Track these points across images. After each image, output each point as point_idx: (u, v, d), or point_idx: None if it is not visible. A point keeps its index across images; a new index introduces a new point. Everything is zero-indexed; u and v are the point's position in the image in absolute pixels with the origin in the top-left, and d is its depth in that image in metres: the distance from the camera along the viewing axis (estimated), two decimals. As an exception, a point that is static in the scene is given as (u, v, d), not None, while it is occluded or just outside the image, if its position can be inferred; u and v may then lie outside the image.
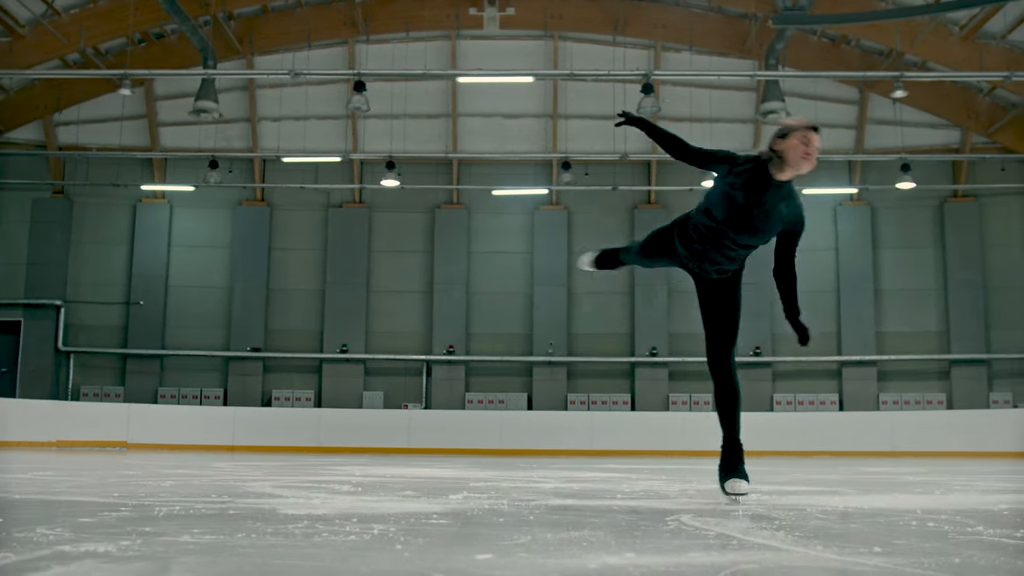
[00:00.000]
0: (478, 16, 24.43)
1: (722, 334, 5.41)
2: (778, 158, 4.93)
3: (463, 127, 26.59)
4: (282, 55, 25.14)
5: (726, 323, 5.42)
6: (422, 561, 2.66)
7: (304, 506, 4.56)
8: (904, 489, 6.60)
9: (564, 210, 26.88)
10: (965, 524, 3.77)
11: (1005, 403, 25.03)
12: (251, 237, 26.79)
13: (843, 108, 26.15)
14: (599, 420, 22.81)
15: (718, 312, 5.43)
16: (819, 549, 2.96)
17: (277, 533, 3.29)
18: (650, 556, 2.78)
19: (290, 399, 25.81)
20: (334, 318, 26.39)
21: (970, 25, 22.14)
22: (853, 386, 25.69)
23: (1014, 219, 26.15)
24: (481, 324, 26.56)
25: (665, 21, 24.47)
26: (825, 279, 26.20)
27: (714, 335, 5.42)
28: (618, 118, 5.59)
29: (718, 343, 5.40)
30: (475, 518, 4.05)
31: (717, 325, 5.42)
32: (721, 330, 5.42)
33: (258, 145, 26.38)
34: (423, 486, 6.64)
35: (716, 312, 5.44)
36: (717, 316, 5.43)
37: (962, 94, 25.23)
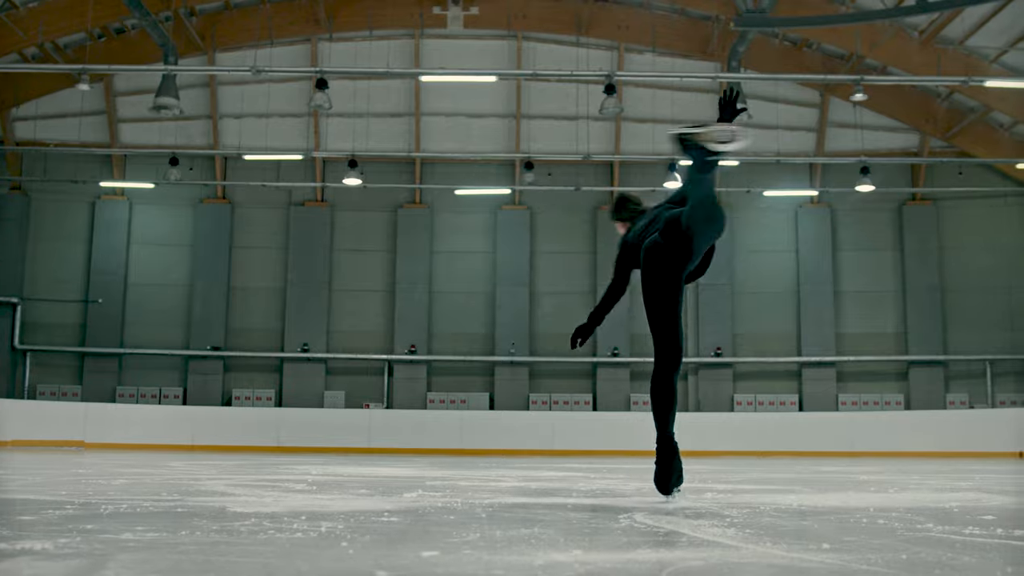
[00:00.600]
0: (442, 15, 24.37)
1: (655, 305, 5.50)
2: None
3: (426, 126, 26.51)
4: (244, 52, 24.95)
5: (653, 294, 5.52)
6: (365, 558, 2.63)
7: (255, 504, 4.50)
8: (858, 488, 6.64)
9: (527, 210, 26.88)
10: (915, 521, 3.78)
11: (961, 404, 25.32)
12: (212, 235, 26.57)
13: (804, 111, 26.34)
14: (560, 420, 22.82)
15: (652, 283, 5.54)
16: (768, 546, 2.95)
17: (222, 531, 3.24)
18: (598, 553, 2.76)
19: (250, 398, 25.62)
20: (295, 317, 26.23)
21: (929, 30, 22.38)
22: (813, 387, 25.88)
23: (971, 222, 26.45)
24: (443, 324, 26.50)
25: (628, 22, 24.53)
26: (786, 280, 26.39)
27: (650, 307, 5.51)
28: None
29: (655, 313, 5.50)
30: (426, 516, 4.01)
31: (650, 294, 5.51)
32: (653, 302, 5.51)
33: (219, 142, 26.18)
34: (379, 485, 6.59)
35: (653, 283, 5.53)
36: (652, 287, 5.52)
37: (921, 98, 25.49)
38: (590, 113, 25.25)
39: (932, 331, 25.89)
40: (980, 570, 2.42)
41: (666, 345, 5.29)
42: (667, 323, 5.27)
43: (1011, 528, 3.46)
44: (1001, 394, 25.50)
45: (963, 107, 25.34)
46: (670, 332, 5.27)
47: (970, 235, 26.43)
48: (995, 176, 26.31)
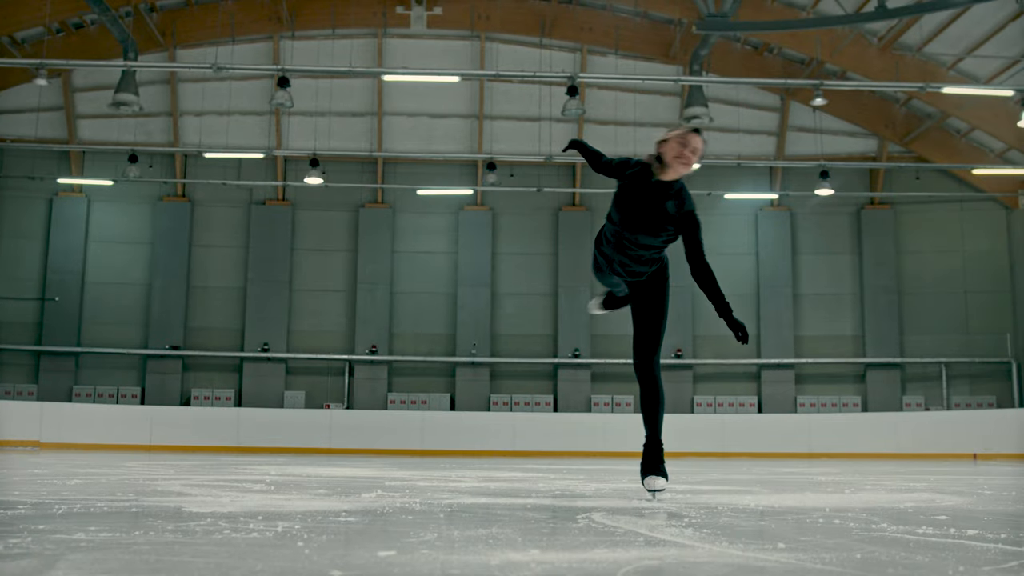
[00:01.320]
0: (405, 15, 24.32)
1: (645, 337, 5.51)
2: (659, 161, 5.09)
3: (388, 126, 26.44)
4: (205, 49, 24.77)
5: (649, 327, 5.53)
6: (321, 558, 2.61)
7: (211, 504, 4.46)
8: (815, 488, 6.69)
9: (489, 211, 26.88)
10: (870, 521, 3.82)
11: (917, 406, 25.62)
12: (171, 233, 26.33)
13: (764, 115, 26.55)
14: (521, 421, 22.84)
15: (642, 315, 5.58)
16: (724, 545, 2.96)
17: (177, 531, 3.20)
18: (555, 553, 2.76)
19: (209, 398, 25.42)
20: (255, 316, 26.06)
21: (888, 37, 22.63)
22: (772, 388, 26.08)
23: (928, 227, 26.79)
24: (404, 324, 26.44)
25: (592, 24, 24.60)
26: (745, 283, 26.57)
27: (638, 338, 5.53)
28: (564, 151, 5.91)
29: (642, 346, 5.52)
30: (384, 516, 4.00)
31: (641, 328, 5.55)
32: (644, 333, 5.52)
33: (179, 140, 25.96)
34: (337, 485, 6.56)
35: (640, 315, 5.58)
36: (641, 319, 5.57)
37: (879, 104, 25.77)
38: (553, 114, 25.30)
39: (889, 334, 26.18)
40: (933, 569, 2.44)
41: (661, 331, 5.63)
42: (660, 345, 5.64)
43: (963, 528, 3.50)
44: (956, 396, 25.84)
45: (921, 113, 25.65)
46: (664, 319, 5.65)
47: (927, 239, 26.75)
48: (951, 181, 26.65)
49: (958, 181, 26.64)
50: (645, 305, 5.62)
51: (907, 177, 26.38)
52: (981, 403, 25.57)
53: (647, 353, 5.54)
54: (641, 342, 5.56)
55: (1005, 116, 22.86)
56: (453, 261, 26.81)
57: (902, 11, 18.38)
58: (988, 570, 2.42)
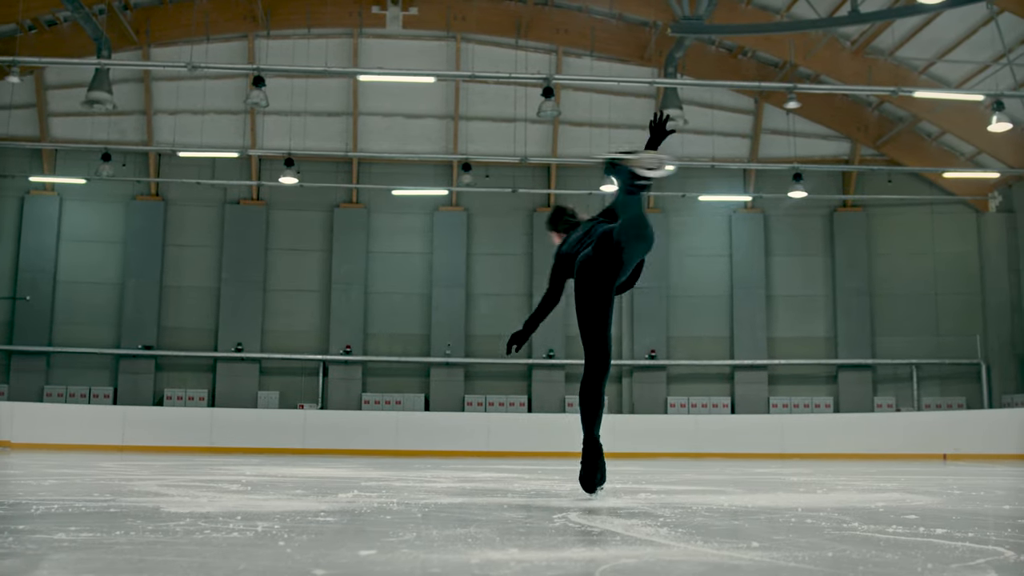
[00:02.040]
0: (381, 15, 24.30)
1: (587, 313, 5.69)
2: None
3: (364, 126, 26.42)
4: (180, 47, 24.65)
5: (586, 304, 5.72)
6: (303, 557, 2.64)
7: (189, 504, 4.48)
8: (788, 488, 6.77)
9: (464, 211, 26.90)
10: (841, 521, 3.88)
11: (888, 407, 25.86)
12: (144, 232, 26.19)
13: (739, 117, 26.71)
14: (496, 421, 22.87)
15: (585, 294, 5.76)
16: (699, 544, 3.01)
17: (157, 531, 3.22)
18: (533, 552, 2.80)
19: (183, 398, 25.30)
20: (229, 316, 25.96)
21: (860, 41, 22.83)
22: (745, 389, 26.24)
23: (899, 229, 27.03)
24: (379, 324, 26.42)
25: (567, 26, 24.68)
26: (719, 284, 26.73)
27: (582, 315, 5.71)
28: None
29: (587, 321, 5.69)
30: (362, 516, 4.03)
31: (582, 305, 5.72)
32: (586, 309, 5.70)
33: (153, 138, 25.83)
34: (314, 485, 6.58)
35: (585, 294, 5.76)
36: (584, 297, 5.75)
37: (852, 107, 25.99)
38: (528, 115, 25.36)
39: (861, 336, 26.40)
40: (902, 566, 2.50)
41: (596, 353, 5.52)
42: (598, 332, 5.51)
43: (932, 527, 3.57)
44: (926, 397, 26.10)
45: (893, 116, 25.89)
46: (600, 341, 5.51)
47: (898, 242, 27.00)
48: (923, 184, 26.92)
49: (929, 184, 26.91)
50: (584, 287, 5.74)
51: (879, 180, 26.62)
52: (951, 404, 25.83)
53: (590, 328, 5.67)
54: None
55: (976, 120, 23.11)
56: (428, 261, 26.82)
57: (875, 15, 18.57)
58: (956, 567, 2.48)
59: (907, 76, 23.18)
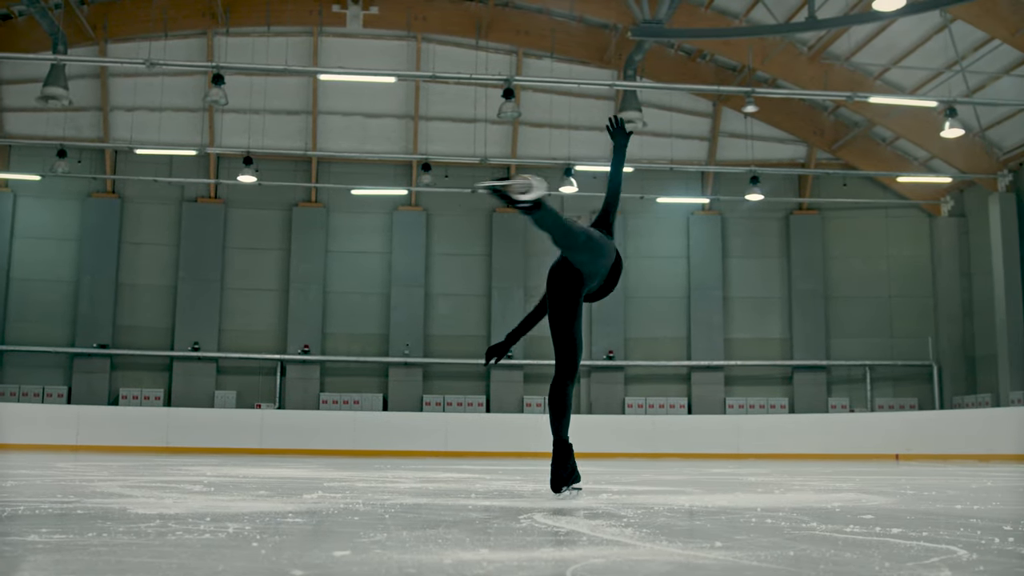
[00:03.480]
0: (341, 14, 24.24)
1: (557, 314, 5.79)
2: None
3: (323, 125, 26.35)
4: (137, 43, 24.43)
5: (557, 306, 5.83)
6: (279, 558, 2.68)
7: (155, 506, 4.49)
8: (746, 489, 6.88)
9: (423, 211, 26.91)
10: (800, 521, 3.98)
11: (842, 408, 26.21)
12: (100, 230, 25.94)
13: (697, 120, 26.94)
14: (454, 421, 22.91)
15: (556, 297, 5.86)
16: (664, 544, 3.09)
17: (129, 532, 3.25)
18: (503, 552, 2.86)
19: (138, 398, 25.10)
20: (186, 315, 25.79)
21: (817, 46, 23.13)
22: (701, 390, 26.48)
23: (854, 232, 27.41)
24: (337, 324, 26.36)
25: (528, 27, 24.77)
26: (677, 286, 26.94)
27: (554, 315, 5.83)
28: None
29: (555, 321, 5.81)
30: (330, 517, 4.07)
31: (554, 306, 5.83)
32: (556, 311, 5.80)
33: (110, 135, 25.59)
34: (277, 486, 6.60)
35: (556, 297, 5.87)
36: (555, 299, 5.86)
37: (808, 111, 26.31)
38: (488, 116, 25.42)
39: (815, 337, 26.74)
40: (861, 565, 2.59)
41: (565, 358, 5.62)
42: (567, 339, 5.61)
43: (888, 527, 3.68)
44: (879, 398, 26.48)
45: (848, 121, 26.24)
46: (570, 347, 5.61)
47: (853, 245, 27.38)
48: (877, 189, 27.31)
49: (883, 188, 27.31)
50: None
51: (835, 184, 26.99)
52: (903, 405, 26.24)
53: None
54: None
55: (929, 126, 23.49)
56: (387, 261, 26.80)
57: (831, 22, 18.82)
58: (911, 566, 2.58)
59: (862, 82, 23.52)
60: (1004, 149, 24.32)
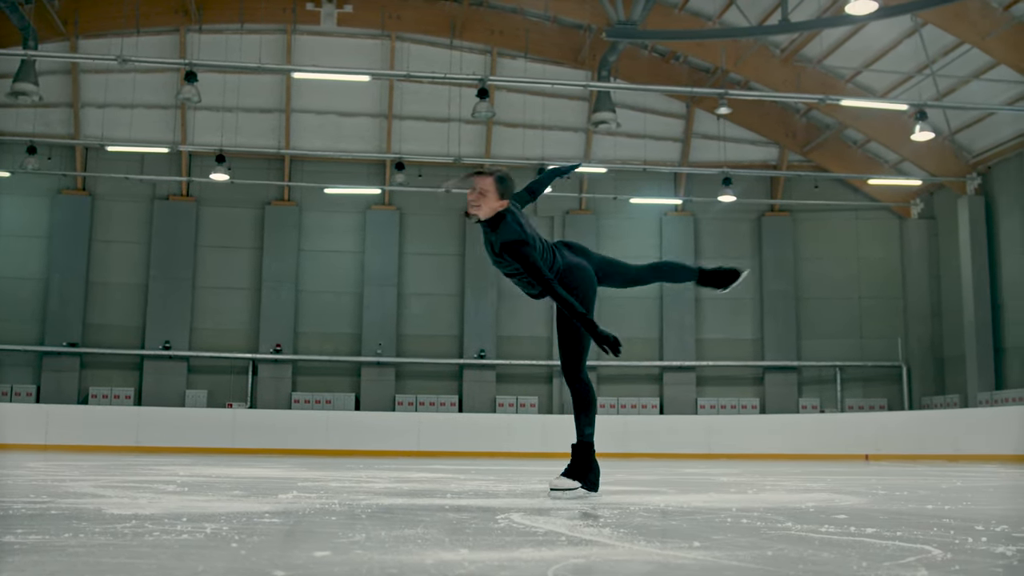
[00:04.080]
0: (315, 12, 24.17)
1: (562, 349, 5.94)
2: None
3: (297, 123, 26.25)
4: (109, 40, 24.25)
5: (561, 340, 5.95)
6: (259, 559, 2.68)
7: (130, 506, 4.47)
8: (720, 489, 6.92)
9: (396, 210, 26.87)
10: (775, 520, 4.01)
11: (813, 408, 26.39)
12: (70, 227, 25.73)
13: (670, 121, 27.04)
14: (427, 421, 22.88)
15: (559, 330, 5.96)
16: (643, 544, 3.11)
17: (106, 533, 3.23)
18: (484, 552, 2.87)
19: (108, 397, 24.91)
20: (157, 314, 25.62)
21: (790, 49, 23.27)
22: (673, 390, 26.58)
23: (825, 234, 27.61)
24: (309, 323, 26.28)
25: (502, 27, 24.78)
26: (649, 287, 26.84)
27: (560, 349, 5.98)
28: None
29: (562, 356, 5.97)
30: (307, 517, 4.06)
31: (559, 341, 5.99)
32: (561, 345, 5.95)
33: (80, 132, 25.38)
34: (251, 486, 6.57)
35: (558, 330, 5.97)
36: (559, 333, 5.97)
37: (781, 114, 26.47)
38: (462, 116, 25.42)
39: (786, 338, 26.91)
40: (840, 564, 2.62)
41: (578, 350, 5.89)
42: (581, 335, 5.80)
43: (862, 526, 3.71)
44: (849, 399, 26.69)
45: (820, 123, 26.43)
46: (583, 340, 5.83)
47: (824, 246, 27.58)
48: (848, 191, 27.52)
49: (854, 190, 27.53)
50: (559, 321, 5.95)
51: (806, 185, 27.17)
52: (873, 405, 26.45)
53: (566, 363, 5.96)
54: (561, 353, 5.99)
55: (900, 129, 23.69)
56: (360, 261, 26.74)
57: (803, 25, 18.95)
58: (888, 565, 2.61)
59: (834, 84, 23.69)
60: (973, 152, 24.57)
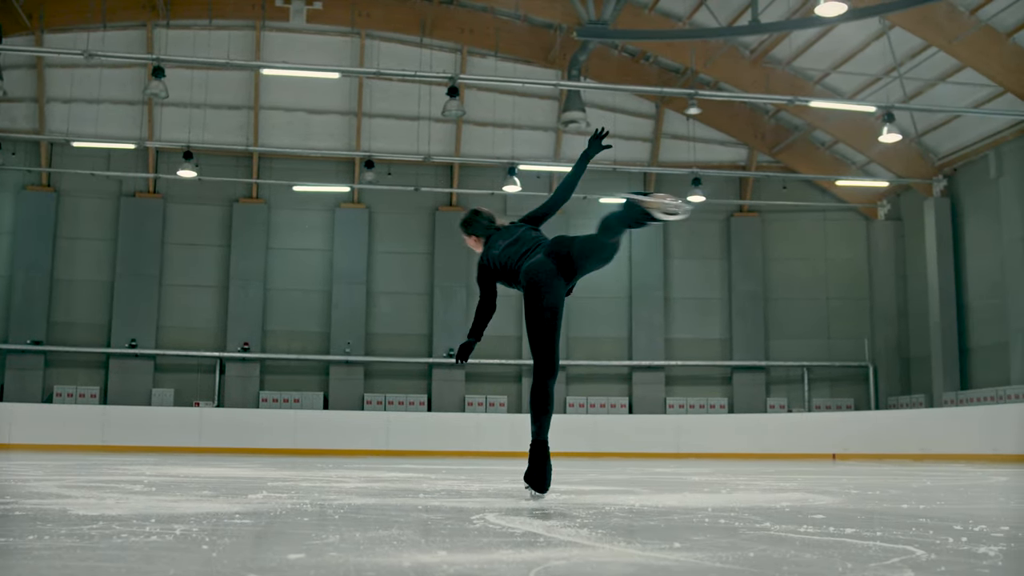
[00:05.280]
0: (284, 8, 24.01)
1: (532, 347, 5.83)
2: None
3: (265, 120, 26.06)
4: (75, 34, 23.96)
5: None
6: (231, 561, 2.61)
7: (97, 507, 4.38)
8: (693, 488, 6.90)
9: (366, 209, 26.73)
10: (753, 521, 3.98)
11: (781, 408, 26.51)
12: (35, 224, 25.40)
13: (640, 121, 27.07)
14: (395, 420, 22.80)
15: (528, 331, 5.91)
16: (623, 545, 3.07)
17: (72, 535, 3.15)
18: (462, 554, 2.82)
19: (73, 395, 24.62)
20: (123, 311, 25.34)
21: (759, 50, 23.35)
22: (642, 390, 26.62)
23: (793, 235, 27.75)
24: (278, 321, 26.10)
25: (472, 26, 24.71)
26: (618, 287, 27.04)
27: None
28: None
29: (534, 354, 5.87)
30: (279, 518, 3.99)
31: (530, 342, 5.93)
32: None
33: (46, 127, 25.06)
34: (220, 486, 6.48)
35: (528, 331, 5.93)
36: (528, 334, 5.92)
37: (750, 115, 26.57)
38: (432, 114, 25.32)
39: (755, 338, 27.02)
40: (824, 566, 2.59)
41: (547, 359, 5.65)
42: (548, 339, 5.63)
43: (841, 527, 3.69)
44: (817, 399, 26.83)
45: (788, 125, 26.54)
46: (549, 346, 5.64)
47: (792, 247, 27.71)
48: (816, 192, 27.67)
49: (822, 191, 27.68)
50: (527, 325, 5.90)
51: (775, 186, 27.29)
52: (840, 405, 26.61)
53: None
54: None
55: (867, 131, 23.84)
56: (328, 259, 26.58)
57: (773, 26, 19.03)
58: (874, 567, 2.58)
59: (803, 86, 23.80)
60: (939, 155, 24.76)
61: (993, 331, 22.94)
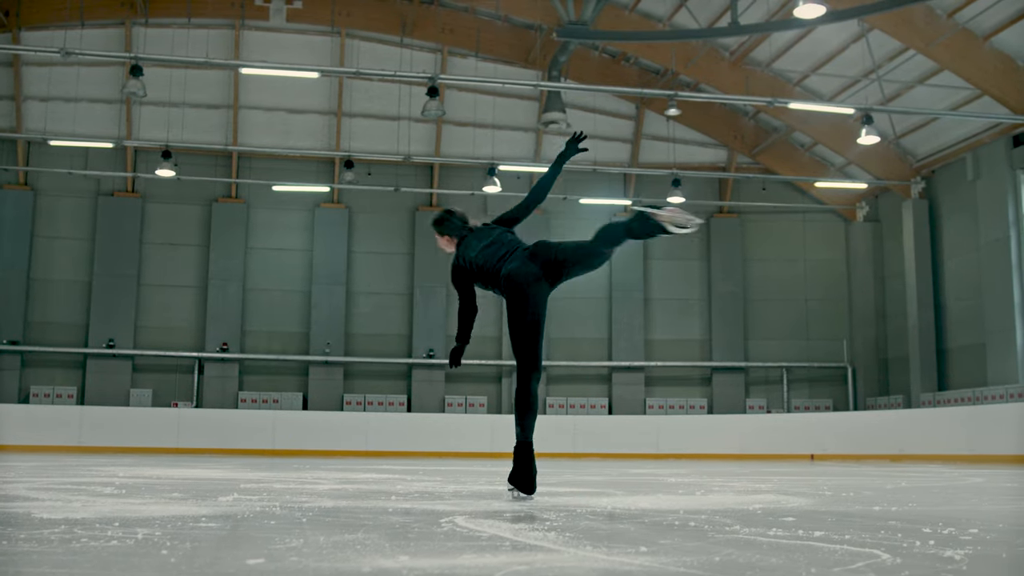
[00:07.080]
0: (264, 7, 23.92)
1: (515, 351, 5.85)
2: None
3: (245, 119, 25.95)
4: (53, 32, 23.80)
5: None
6: (189, 567, 2.57)
7: (62, 509, 4.32)
8: (668, 490, 6.89)
9: (345, 209, 26.66)
10: (723, 523, 3.96)
11: (760, 408, 26.58)
12: (11, 223, 25.23)
13: (620, 122, 27.10)
14: (375, 421, 22.74)
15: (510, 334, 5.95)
16: (588, 549, 3.04)
17: (31, 539, 3.10)
18: (424, 559, 2.78)
19: (50, 395, 24.45)
20: (101, 311, 25.19)
21: (739, 52, 23.40)
22: (622, 390, 26.64)
23: (772, 236, 27.83)
24: (257, 321, 25.99)
25: (453, 26, 24.68)
26: (598, 287, 27.05)
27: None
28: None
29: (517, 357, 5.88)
30: (245, 521, 3.95)
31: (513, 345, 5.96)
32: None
33: (22, 125, 24.88)
34: (191, 488, 6.43)
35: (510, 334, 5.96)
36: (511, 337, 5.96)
37: (730, 116, 26.63)
38: (412, 114, 25.27)
39: (734, 339, 27.08)
40: (788, 571, 2.56)
41: (531, 361, 5.68)
42: (532, 341, 5.65)
43: (810, 530, 3.67)
44: (796, 400, 26.91)
45: (768, 126, 26.62)
46: (535, 350, 5.67)
47: (771, 248, 27.80)
48: (795, 193, 27.76)
49: (801, 193, 27.77)
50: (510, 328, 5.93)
51: (754, 187, 27.36)
52: (819, 406, 26.70)
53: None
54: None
55: (846, 132, 23.92)
56: (308, 259, 26.50)
57: (753, 28, 19.05)
58: (838, 571, 2.56)
59: (782, 88, 23.87)
60: (918, 157, 24.87)
61: (970, 332, 23.05)
